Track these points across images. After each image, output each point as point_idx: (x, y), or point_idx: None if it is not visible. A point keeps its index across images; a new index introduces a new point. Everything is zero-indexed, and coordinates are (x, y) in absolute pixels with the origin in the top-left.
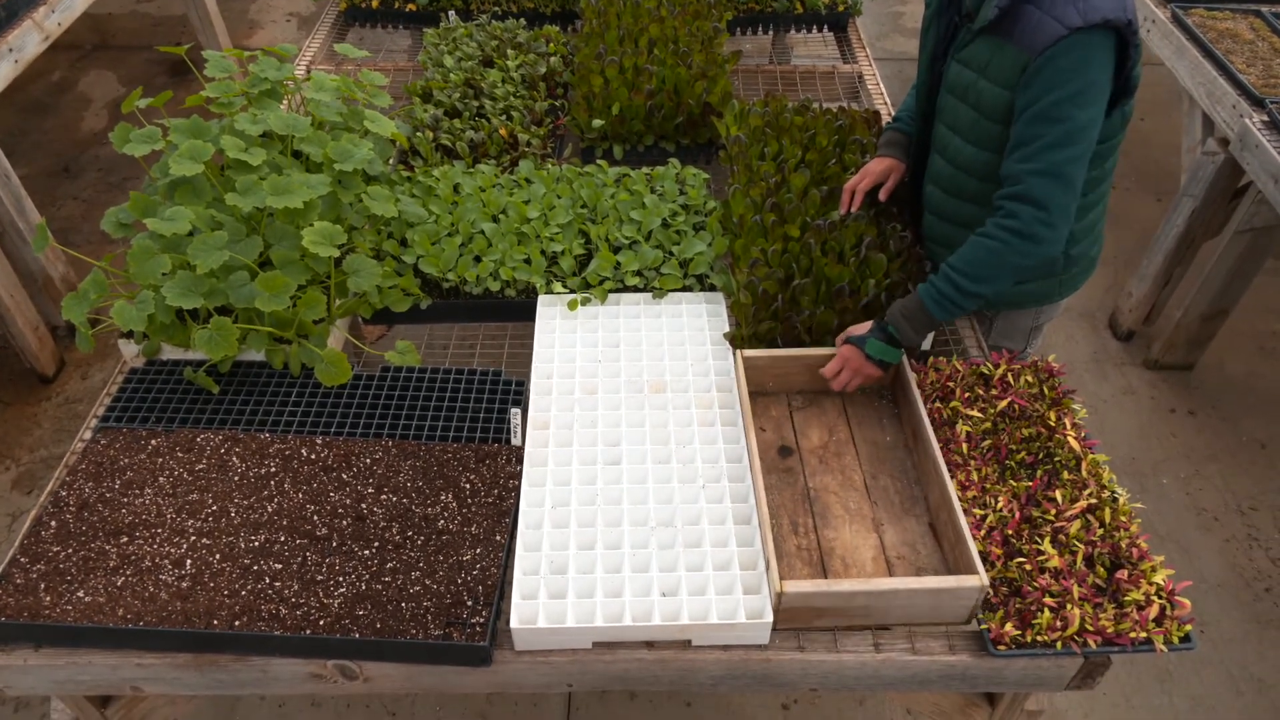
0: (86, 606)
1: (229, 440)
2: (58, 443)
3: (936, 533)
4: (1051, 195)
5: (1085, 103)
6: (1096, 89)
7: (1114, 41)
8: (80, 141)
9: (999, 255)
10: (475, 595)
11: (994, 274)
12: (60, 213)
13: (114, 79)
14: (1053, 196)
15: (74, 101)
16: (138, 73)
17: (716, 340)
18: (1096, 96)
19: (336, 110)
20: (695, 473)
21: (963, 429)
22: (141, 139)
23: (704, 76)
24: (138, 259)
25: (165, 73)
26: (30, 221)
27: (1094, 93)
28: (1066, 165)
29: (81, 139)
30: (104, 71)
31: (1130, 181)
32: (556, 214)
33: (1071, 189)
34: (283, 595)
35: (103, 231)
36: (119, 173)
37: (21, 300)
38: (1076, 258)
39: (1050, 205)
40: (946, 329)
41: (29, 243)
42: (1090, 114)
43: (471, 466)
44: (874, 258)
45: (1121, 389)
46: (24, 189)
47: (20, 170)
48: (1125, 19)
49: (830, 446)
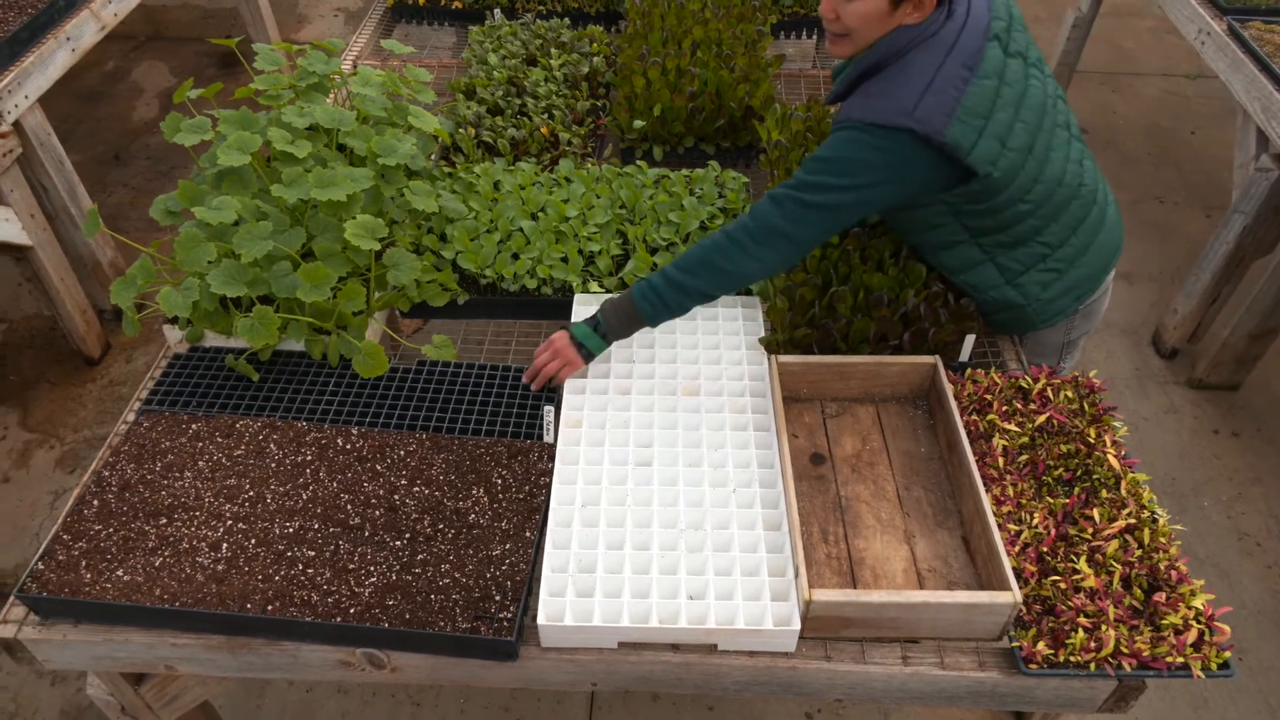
0: (125, 585)
1: (267, 427)
2: (101, 424)
3: (969, 547)
4: (763, 214)
5: (834, 171)
6: (857, 165)
7: (899, 140)
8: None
9: (705, 250)
10: (504, 590)
11: (698, 267)
12: (110, 199)
13: (165, 69)
14: (764, 215)
15: (126, 91)
16: (189, 64)
17: (751, 345)
18: (853, 170)
19: (381, 105)
20: (726, 477)
21: (999, 442)
22: (191, 129)
23: (746, 80)
24: (184, 246)
25: (215, 64)
26: (82, 207)
27: (850, 166)
28: (788, 200)
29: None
30: (156, 62)
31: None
32: (595, 213)
33: (784, 220)
34: (315, 582)
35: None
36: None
37: (71, 284)
38: (1027, 287)
39: (757, 219)
40: (985, 341)
41: (80, 228)
42: (835, 181)
43: (504, 462)
44: (914, 267)
45: (1163, 407)
46: (76, 175)
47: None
48: (905, 124)
49: (863, 455)
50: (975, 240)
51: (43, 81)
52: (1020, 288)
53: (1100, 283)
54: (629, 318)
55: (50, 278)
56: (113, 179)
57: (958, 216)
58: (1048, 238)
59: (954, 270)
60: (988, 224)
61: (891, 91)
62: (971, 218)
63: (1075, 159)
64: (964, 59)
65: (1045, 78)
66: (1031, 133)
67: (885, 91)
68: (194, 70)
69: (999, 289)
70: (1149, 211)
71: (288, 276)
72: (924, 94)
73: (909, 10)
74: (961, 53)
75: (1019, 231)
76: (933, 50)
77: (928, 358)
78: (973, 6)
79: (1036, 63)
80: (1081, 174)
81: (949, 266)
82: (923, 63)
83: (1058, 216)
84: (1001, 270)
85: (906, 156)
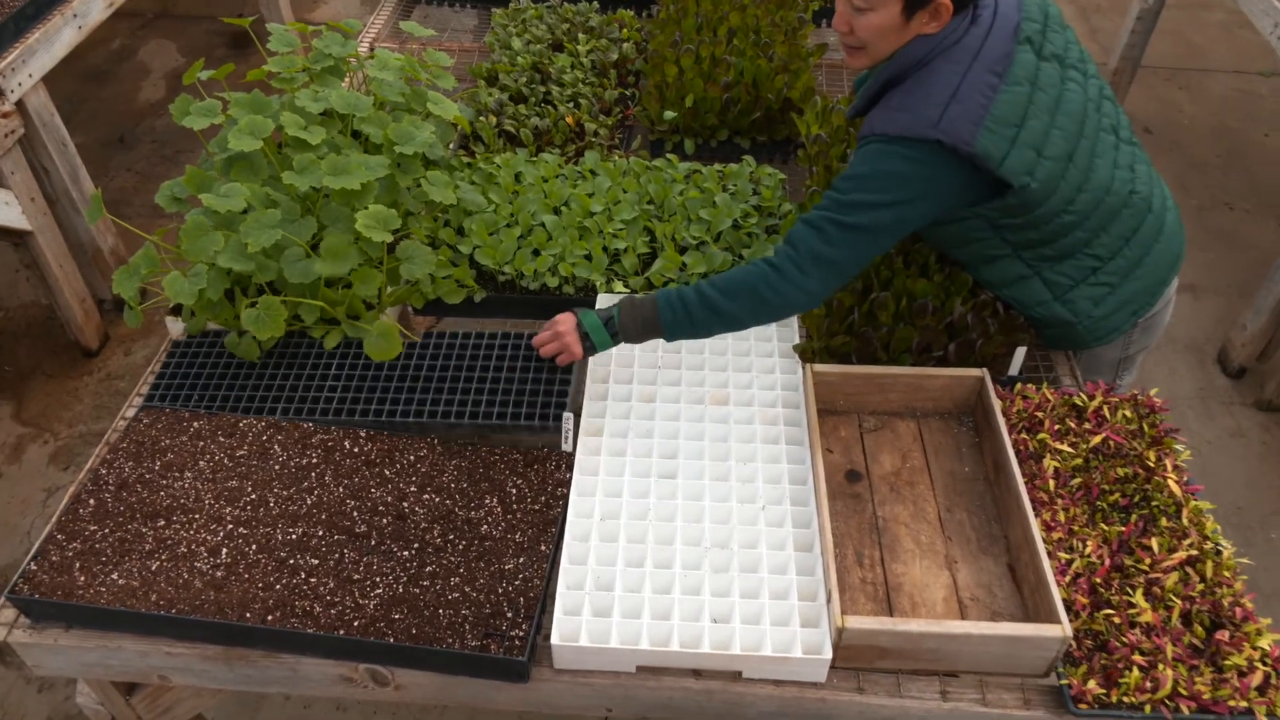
0: (120, 589)
1: (271, 427)
2: (97, 419)
3: (1016, 575)
4: (804, 239)
5: (867, 188)
6: (891, 180)
7: (929, 152)
8: (137, 112)
9: (748, 275)
10: (516, 607)
11: (738, 292)
12: (113, 184)
13: (174, 49)
14: (804, 241)
15: (133, 70)
16: (198, 43)
17: (785, 353)
18: (887, 186)
19: (399, 90)
20: (755, 493)
21: (1050, 464)
22: (201, 112)
23: (785, 70)
24: (191, 235)
25: (226, 44)
26: (84, 191)
27: (884, 182)
28: (826, 224)
29: (138, 109)
30: (164, 41)
31: (1250, 202)
32: (621, 209)
33: (825, 245)
34: (318, 592)
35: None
36: (173, 145)
37: (71, 271)
38: (1077, 304)
39: (799, 247)
40: (1036, 354)
41: (81, 213)
42: (870, 198)
43: (519, 471)
44: (960, 274)
45: (1229, 430)
46: (79, 158)
47: (76, 139)
48: (932, 136)
49: (903, 474)
50: (1018, 254)
51: (47, 60)
52: (1070, 304)
53: (1158, 296)
54: (647, 324)
55: (49, 265)
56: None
57: (997, 231)
58: (1097, 250)
59: (998, 285)
60: (1030, 237)
61: (915, 104)
62: (1012, 231)
63: (1125, 164)
64: (991, 65)
65: (1087, 80)
66: (1071, 140)
67: (908, 104)
68: (204, 50)
69: (1046, 305)
70: (1217, 219)
71: (300, 261)
72: (949, 104)
73: (925, 20)
74: (988, 59)
75: (1065, 244)
76: (956, 58)
77: (974, 371)
78: (1000, 8)
79: (1077, 64)
80: (1133, 180)
81: (992, 282)
82: (947, 72)
83: (1107, 227)
84: (1049, 285)
85: (938, 168)
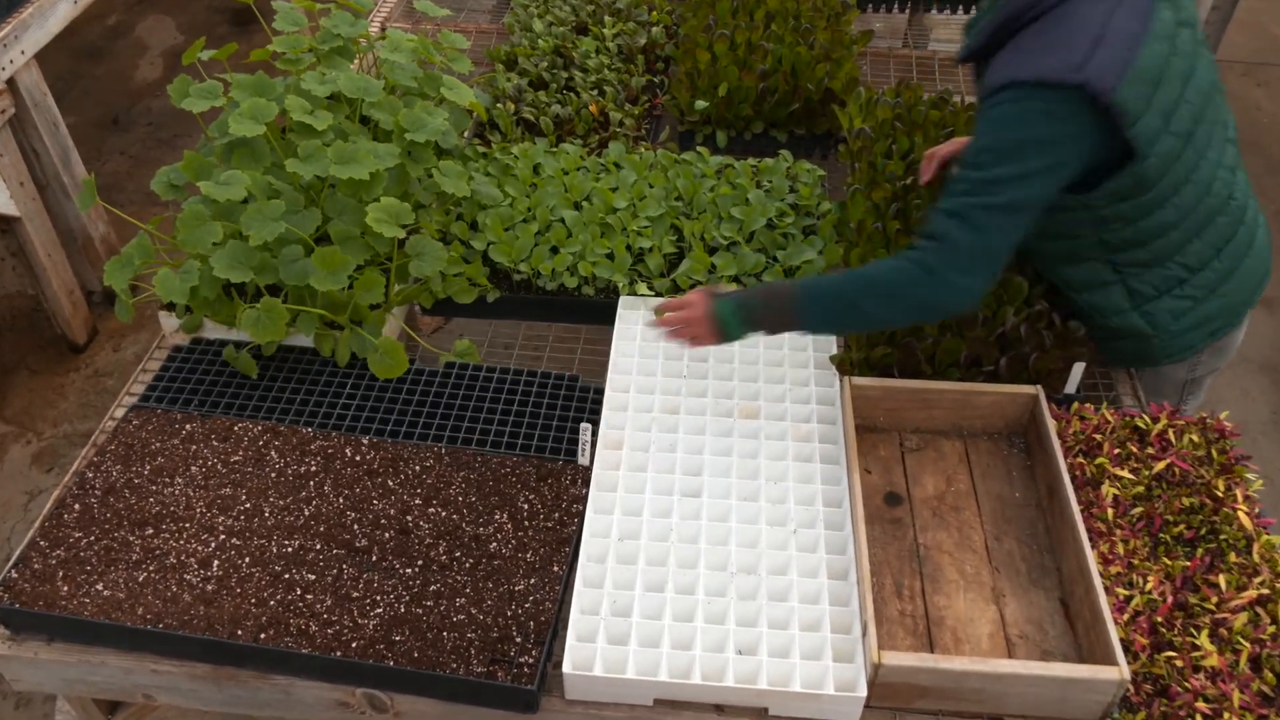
0: (105, 601)
1: (268, 432)
2: (83, 419)
3: (1069, 611)
4: (950, 233)
5: (1011, 157)
6: (1034, 146)
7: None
8: (132, 92)
9: (896, 277)
10: (525, 631)
11: (885, 293)
12: (105, 168)
13: (172, 26)
14: (952, 235)
15: (129, 48)
16: (199, 20)
17: (821, 363)
18: (1033, 153)
19: (412, 74)
20: (786, 515)
21: (1109, 491)
22: (201, 94)
23: (827, 58)
24: (187, 225)
25: (228, 22)
26: (75, 175)
27: (1028, 150)
28: (974, 211)
29: (134, 89)
30: (163, 17)
31: None
32: (647, 205)
33: (979, 235)
34: (314, 610)
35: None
36: (169, 128)
37: (59, 261)
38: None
39: (948, 241)
40: (1096, 371)
41: (72, 199)
42: (1016, 169)
43: (532, 485)
44: (1013, 281)
45: None
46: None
47: (68, 119)
48: (1076, 80)
49: (947, 498)
50: (1109, 256)
51: (41, 36)
52: (1149, 315)
53: (1240, 316)
54: (783, 316)
55: (37, 253)
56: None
57: (1097, 227)
58: (1188, 258)
59: (1078, 288)
60: (1126, 236)
61: (1056, 43)
62: (1111, 228)
63: (1228, 165)
64: (1135, 13)
65: (1213, 61)
66: (1195, 118)
67: (1048, 43)
68: (205, 28)
69: (1124, 315)
70: None
71: (298, 262)
72: (1096, 46)
73: None
74: (1131, 6)
75: (1158, 248)
76: None
77: (1027, 388)
78: None
79: (1205, 41)
80: (1233, 184)
81: (1072, 283)
82: (1088, 11)
83: (1201, 232)
84: (1131, 294)
85: (1077, 120)
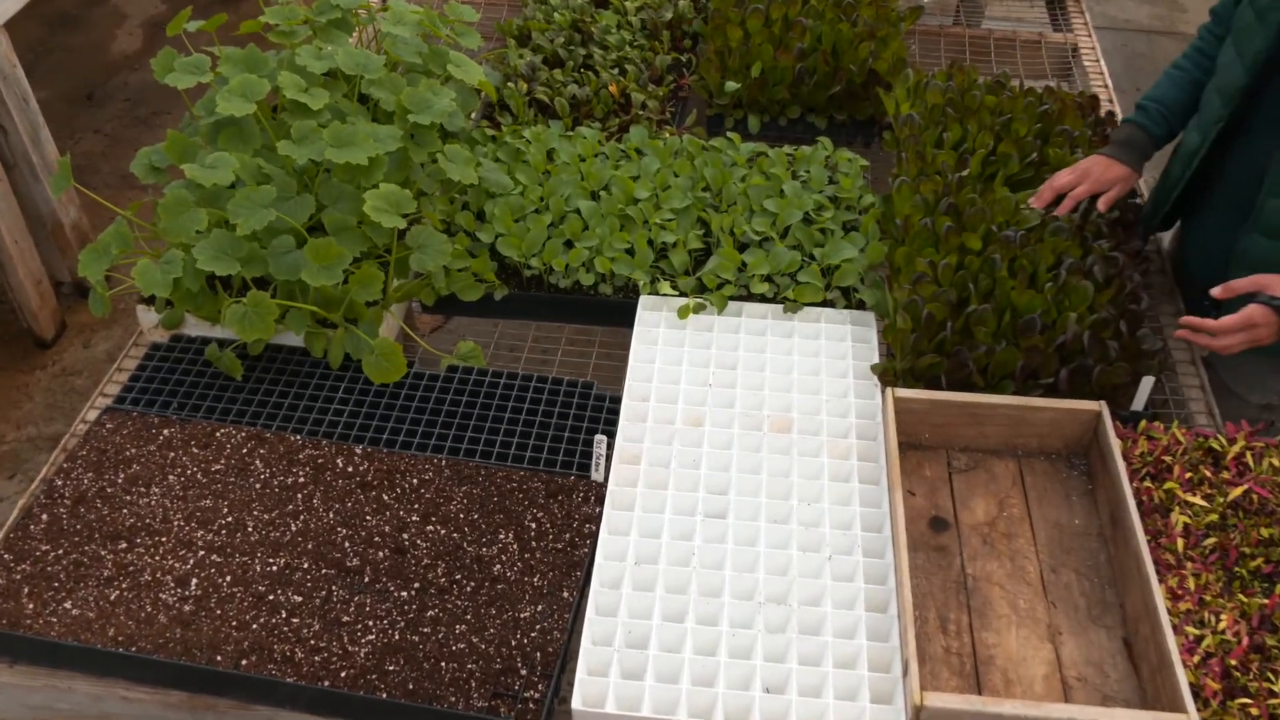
0: (73, 621)
1: (253, 439)
2: (49, 421)
3: (1133, 652)
4: None
5: None
6: None
7: None
8: (109, 65)
9: None
10: (531, 663)
11: None
12: (78, 147)
13: None
14: None
15: (106, 17)
16: None
17: (861, 373)
18: None
19: (416, 49)
20: (821, 540)
21: (1179, 519)
22: (187, 68)
23: (872, 36)
24: (170, 211)
25: None
26: (46, 156)
27: None
28: None
29: (110, 62)
30: None
31: None
32: (671, 196)
33: None
34: (300, 635)
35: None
36: (148, 105)
37: (26, 248)
38: None
39: None
40: (1167, 385)
41: (42, 180)
42: None
43: (540, 502)
44: (1076, 285)
45: None
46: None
47: (39, 93)
48: None
49: (999, 524)
50: None
51: (10, 3)
52: None
53: None
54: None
55: (2, 239)
56: (82, 123)
57: None
58: None
59: None
60: None
61: None
62: None
63: None
64: None
65: None
66: None
67: None
68: None
69: None
70: None
71: (290, 254)
72: None
73: None
74: None
75: None
76: None
77: (1090, 404)
78: None
79: None
80: None
81: None
82: None
83: None
84: None
85: None
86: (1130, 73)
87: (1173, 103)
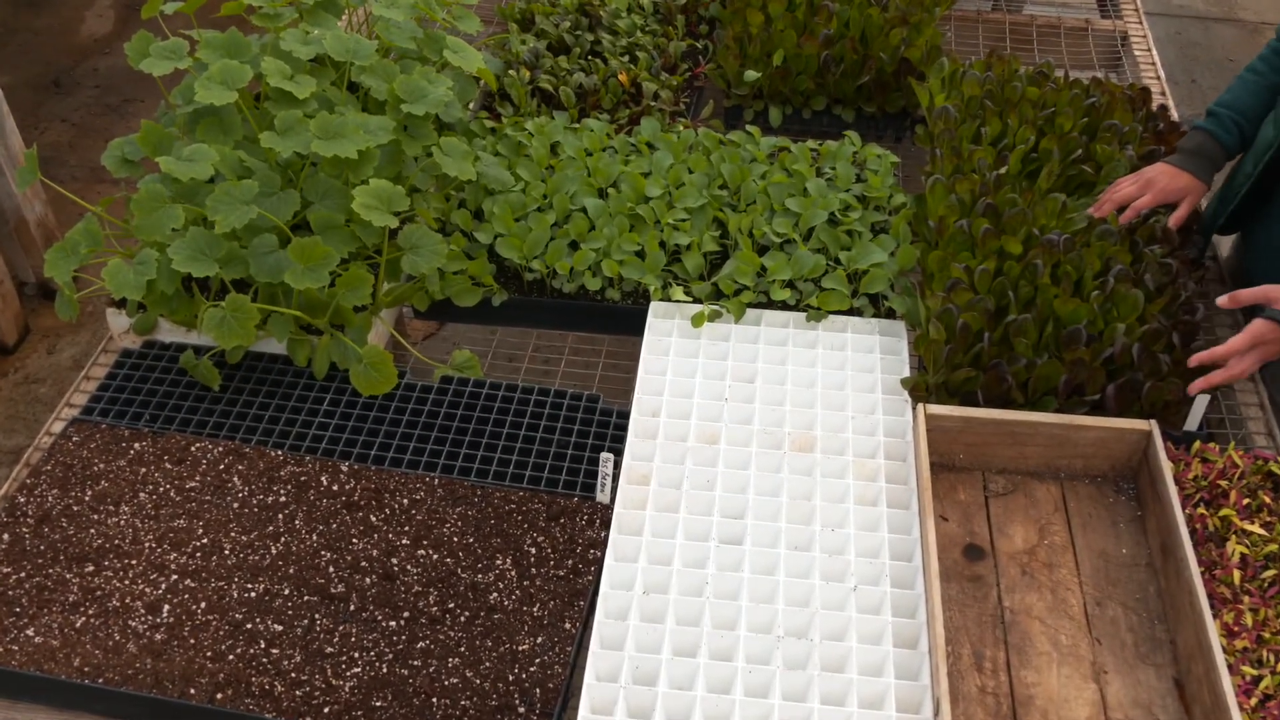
0: (36, 649)
1: (231, 454)
2: (9, 432)
3: (1184, 694)
4: None
5: None
6: None
7: None
8: (77, 48)
9: None
10: (530, 700)
11: None
12: (44, 138)
13: None
14: None
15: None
16: None
17: (891, 388)
18: None
19: (410, 34)
20: (845, 569)
21: (1236, 549)
22: (163, 53)
23: (904, 22)
24: (144, 207)
25: None
26: (9, 146)
27: None
28: None
29: (79, 45)
30: None
31: None
32: (685, 194)
33: None
34: (280, 667)
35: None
36: (119, 93)
37: None
38: None
39: None
40: (1224, 403)
41: (5, 173)
42: None
43: (541, 525)
44: (1125, 293)
45: None
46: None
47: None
48: None
49: (1039, 553)
50: None
51: None
52: None
53: None
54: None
55: None
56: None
57: None
58: None
59: None
60: None
61: None
62: None
63: None
64: None
65: None
66: None
67: None
68: None
69: None
70: None
71: (272, 254)
72: None
73: None
74: None
75: None
76: None
77: (1139, 423)
78: None
79: None
80: None
81: None
82: None
83: None
84: None
85: None
86: (1184, 63)
87: (1247, 109)
